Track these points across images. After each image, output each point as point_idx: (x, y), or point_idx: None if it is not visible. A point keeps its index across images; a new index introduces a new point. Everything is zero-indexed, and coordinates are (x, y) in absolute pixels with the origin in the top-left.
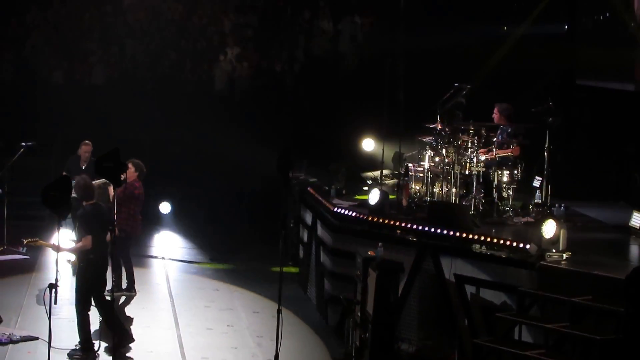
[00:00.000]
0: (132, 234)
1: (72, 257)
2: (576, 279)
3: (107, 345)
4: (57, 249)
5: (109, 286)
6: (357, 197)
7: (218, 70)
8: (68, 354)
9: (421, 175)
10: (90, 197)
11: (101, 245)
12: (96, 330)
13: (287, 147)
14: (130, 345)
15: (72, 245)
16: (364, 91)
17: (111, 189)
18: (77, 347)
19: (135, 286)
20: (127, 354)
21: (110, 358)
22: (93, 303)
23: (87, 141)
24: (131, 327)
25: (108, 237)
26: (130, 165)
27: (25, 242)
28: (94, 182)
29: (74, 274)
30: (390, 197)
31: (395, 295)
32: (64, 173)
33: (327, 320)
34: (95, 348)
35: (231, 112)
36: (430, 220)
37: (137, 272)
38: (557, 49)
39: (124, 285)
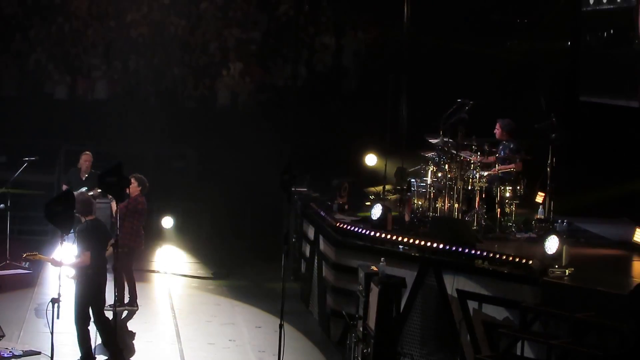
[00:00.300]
0: (135, 248)
1: (72, 272)
2: (579, 295)
3: None
4: (56, 263)
5: (110, 301)
6: (360, 214)
7: (221, 86)
8: None
9: (424, 190)
10: (90, 213)
11: (100, 261)
12: (98, 345)
13: (289, 162)
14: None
15: (72, 260)
16: (366, 106)
17: (114, 204)
18: None
19: (138, 301)
20: None
21: None
22: (92, 318)
23: (87, 152)
24: (133, 341)
25: (109, 252)
26: (133, 180)
27: (24, 256)
28: (91, 192)
29: None
30: (393, 213)
31: (398, 311)
32: (64, 186)
33: (329, 335)
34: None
35: (234, 128)
36: (432, 235)
37: (139, 286)
38: (561, 65)
39: (126, 299)
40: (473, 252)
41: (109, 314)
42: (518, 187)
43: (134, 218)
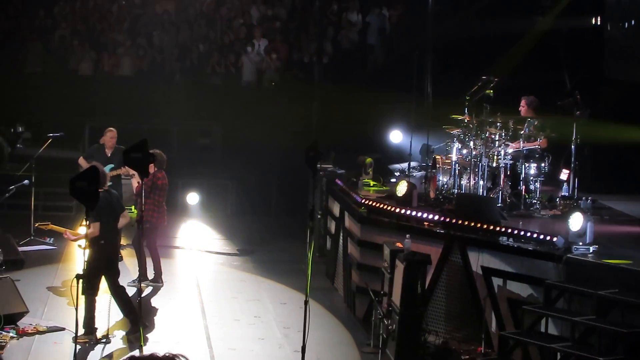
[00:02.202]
0: (158, 224)
1: (84, 243)
2: (603, 272)
3: (126, 331)
4: (69, 235)
5: (134, 276)
6: (384, 188)
7: (246, 62)
8: (72, 338)
9: (449, 167)
10: (102, 184)
11: (110, 231)
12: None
13: (315, 139)
14: (148, 335)
15: (82, 231)
16: (392, 83)
17: (134, 181)
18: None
19: (163, 277)
20: (150, 343)
21: (124, 344)
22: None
23: (111, 128)
24: (155, 317)
25: (121, 223)
26: None
27: (36, 225)
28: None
29: None
30: (419, 193)
31: (423, 287)
32: (82, 160)
33: (354, 311)
34: (99, 334)
35: (259, 104)
36: (457, 212)
37: (164, 262)
38: (586, 41)
39: (151, 276)
40: (498, 229)
41: (132, 290)
42: (543, 164)
43: (154, 194)
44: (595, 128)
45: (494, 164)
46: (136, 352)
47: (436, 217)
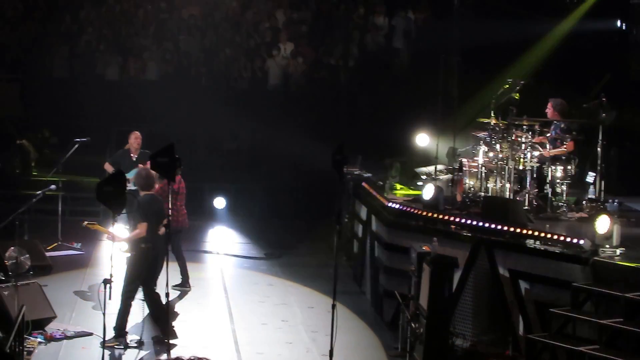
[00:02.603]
0: (181, 227)
1: (125, 247)
2: (630, 274)
3: (153, 336)
4: (113, 237)
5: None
6: (411, 192)
7: (272, 66)
8: (100, 342)
9: (475, 170)
10: (150, 187)
11: (155, 236)
12: (138, 323)
13: (341, 142)
14: (176, 341)
15: (127, 234)
16: (418, 86)
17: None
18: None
19: (190, 281)
20: (178, 348)
21: (149, 350)
22: (143, 294)
23: (135, 131)
24: (177, 322)
25: (162, 230)
26: None
27: (85, 224)
28: None
29: None
30: (446, 196)
31: (450, 290)
32: (108, 166)
33: (381, 315)
34: (128, 338)
35: (285, 108)
36: (484, 215)
37: (191, 267)
38: (612, 45)
39: (178, 281)
40: (524, 232)
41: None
42: (569, 167)
43: (173, 199)
44: (621, 130)
45: (521, 167)
46: (163, 357)
47: (463, 220)
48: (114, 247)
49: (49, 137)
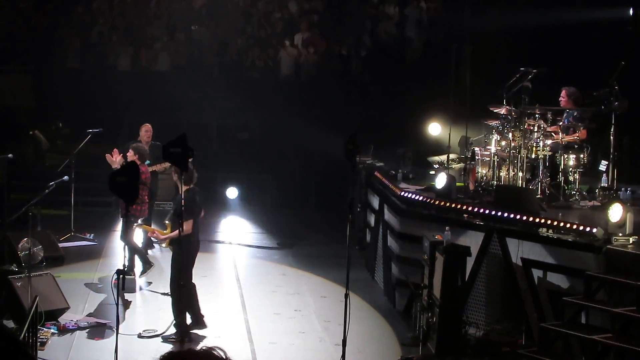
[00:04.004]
0: (138, 217)
1: (165, 242)
2: None
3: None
4: (156, 234)
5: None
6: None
7: (284, 56)
8: (162, 337)
9: (488, 159)
10: (192, 181)
11: (197, 228)
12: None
13: (354, 131)
14: (204, 331)
15: (174, 231)
16: (430, 75)
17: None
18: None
19: (201, 271)
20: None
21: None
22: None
23: (146, 123)
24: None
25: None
26: (130, 150)
27: (136, 225)
28: (162, 166)
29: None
30: (458, 184)
31: (463, 279)
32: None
33: (394, 304)
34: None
35: (297, 97)
36: (497, 204)
37: (204, 257)
38: (625, 33)
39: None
40: (537, 220)
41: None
42: (582, 156)
43: (140, 189)
44: (634, 118)
45: (533, 156)
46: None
47: (475, 209)
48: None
49: (61, 128)
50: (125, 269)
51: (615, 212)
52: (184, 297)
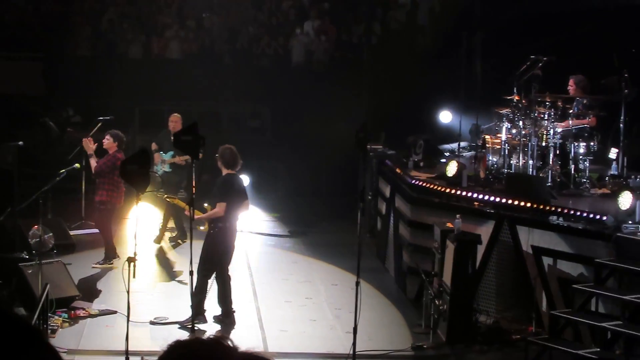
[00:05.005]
0: (116, 204)
1: (203, 225)
2: None
3: (213, 316)
4: (189, 212)
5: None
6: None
7: (295, 44)
8: (179, 323)
9: (498, 147)
10: (233, 166)
11: (233, 215)
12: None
13: (364, 120)
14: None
15: (206, 212)
16: (441, 64)
17: (92, 161)
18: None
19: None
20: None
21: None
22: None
23: (175, 113)
24: (206, 300)
25: (242, 210)
26: (108, 136)
27: (165, 197)
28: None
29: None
30: (469, 174)
31: (473, 267)
32: (155, 146)
33: (405, 292)
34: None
35: (308, 85)
36: (507, 192)
37: None
38: (634, 20)
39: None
40: (547, 208)
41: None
42: (592, 143)
43: (113, 174)
44: None
45: (544, 144)
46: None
47: (486, 197)
48: (138, 225)
49: (72, 116)
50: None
51: (626, 200)
52: (200, 281)
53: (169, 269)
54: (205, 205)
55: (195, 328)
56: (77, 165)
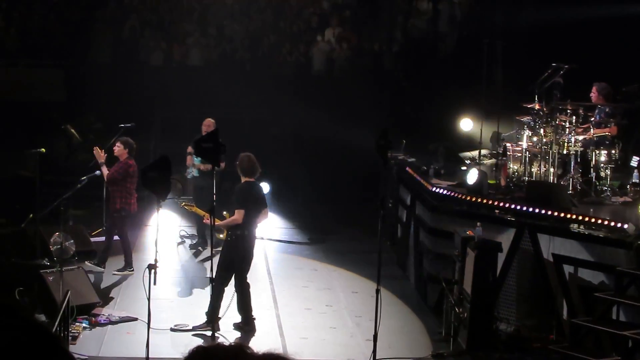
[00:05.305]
0: (130, 212)
1: (222, 232)
2: None
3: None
4: (209, 220)
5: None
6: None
7: (316, 51)
8: (192, 328)
9: (519, 155)
10: (252, 174)
11: (252, 224)
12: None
13: (385, 127)
14: (221, 324)
15: (225, 219)
16: (462, 71)
17: (104, 169)
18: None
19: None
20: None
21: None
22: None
23: (208, 118)
24: (227, 307)
25: (260, 219)
26: (119, 143)
27: (181, 205)
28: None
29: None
30: (490, 181)
31: (494, 275)
32: (189, 151)
33: (425, 299)
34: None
35: (330, 93)
36: (528, 199)
37: None
38: None
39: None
40: (569, 216)
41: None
42: (613, 151)
43: (126, 182)
44: None
45: (565, 151)
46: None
47: (507, 205)
48: (159, 232)
49: (93, 123)
50: (122, 267)
51: None
52: (216, 287)
53: (190, 276)
54: (224, 213)
55: (216, 335)
56: (98, 172)
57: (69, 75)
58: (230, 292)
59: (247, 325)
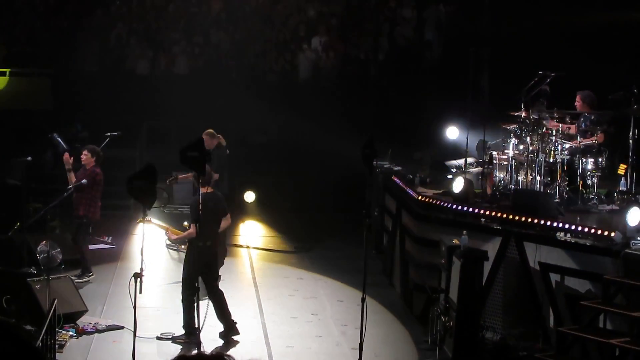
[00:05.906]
0: (92, 219)
1: (183, 244)
2: None
3: (219, 332)
4: (169, 233)
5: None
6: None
7: (303, 60)
8: (172, 338)
9: (505, 163)
10: (209, 184)
11: (210, 234)
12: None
13: (371, 135)
14: (207, 333)
15: (182, 233)
16: (448, 79)
17: (72, 176)
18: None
19: (221, 273)
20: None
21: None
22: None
23: (209, 129)
24: (213, 315)
25: (222, 226)
26: (86, 151)
27: (167, 232)
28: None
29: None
30: (476, 190)
31: (480, 284)
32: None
33: (411, 308)
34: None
35: (316, 101)
36: (514, 208)
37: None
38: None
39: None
40: (555, 224)
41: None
42: (600, 159)
43: (91, 189)
44: None
45: (551, 160)
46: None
47: (493, 213)
48: (144, 241)
49: (80, 131)
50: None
51: (634, 216)
52: (186, 300)
53: (176, 284)
54: (185, 223)
55: (201, 343)
56: (84, 180)
57: (55, 84)
58: (204, 303)
59: (231, 331)
